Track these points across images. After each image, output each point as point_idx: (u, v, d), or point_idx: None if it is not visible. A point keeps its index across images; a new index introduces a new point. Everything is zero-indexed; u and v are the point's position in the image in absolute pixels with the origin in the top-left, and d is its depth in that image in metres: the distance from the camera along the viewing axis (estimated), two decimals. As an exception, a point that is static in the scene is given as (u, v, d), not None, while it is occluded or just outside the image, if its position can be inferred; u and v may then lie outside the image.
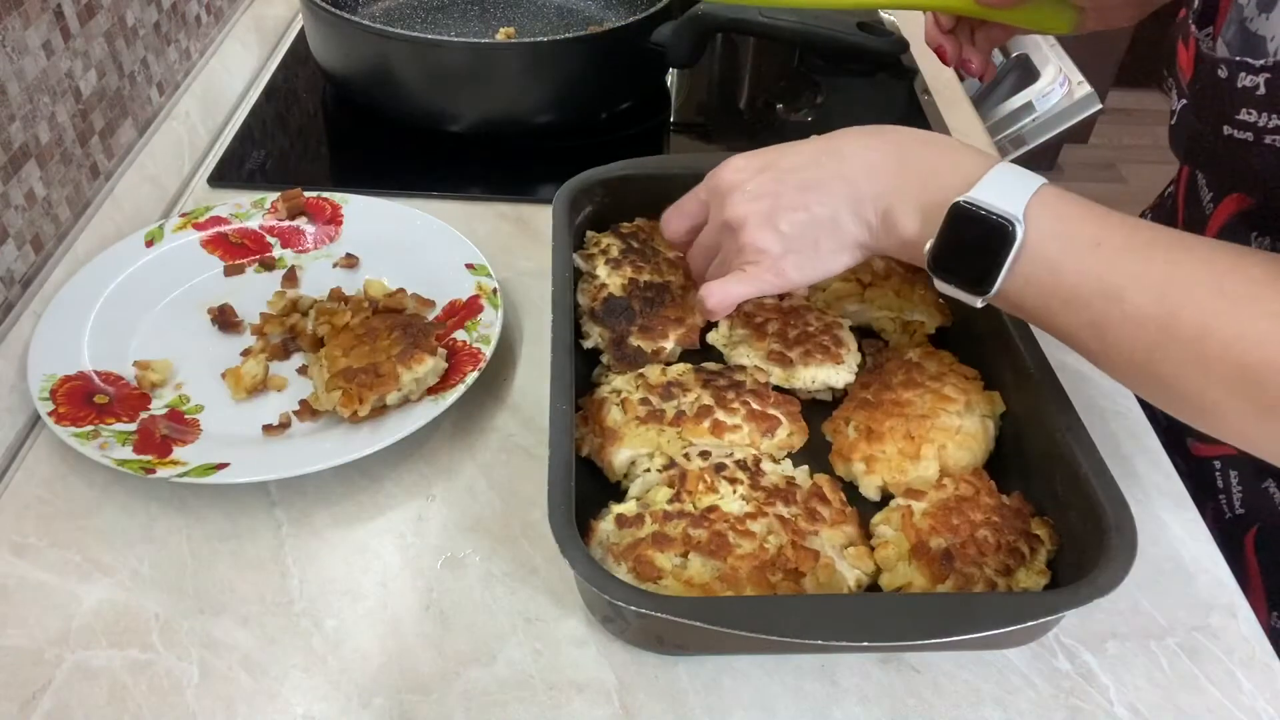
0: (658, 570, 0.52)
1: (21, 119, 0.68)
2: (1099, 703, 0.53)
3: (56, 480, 0.61)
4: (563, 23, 1.06)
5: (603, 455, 0.60)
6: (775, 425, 0.61)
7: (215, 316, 0.71)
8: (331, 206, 0.81)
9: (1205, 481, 0.68)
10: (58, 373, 0.64)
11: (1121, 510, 0.51)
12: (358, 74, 0.92)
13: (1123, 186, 2.85)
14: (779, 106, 1.06)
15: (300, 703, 0.51)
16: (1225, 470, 0.69)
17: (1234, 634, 0.56)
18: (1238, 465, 0.68)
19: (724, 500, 0.56)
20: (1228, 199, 0.68)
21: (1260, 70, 0.53)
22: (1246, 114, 0.54)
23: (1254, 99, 0.54)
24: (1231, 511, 0.68)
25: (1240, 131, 0.56)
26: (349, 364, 0.63)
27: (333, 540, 0.59)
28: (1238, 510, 0.68)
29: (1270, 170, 0.56)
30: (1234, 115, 0.55)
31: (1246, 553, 0.67)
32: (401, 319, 0.68)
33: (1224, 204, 0.68)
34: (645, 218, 0.76)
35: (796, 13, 0.95)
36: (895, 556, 0.54)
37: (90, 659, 0.52)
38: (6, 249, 0.68)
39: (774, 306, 0.70)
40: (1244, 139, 0.55)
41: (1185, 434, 0.72)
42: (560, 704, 0.51)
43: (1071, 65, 1.65)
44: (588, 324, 0.68)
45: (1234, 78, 0.54)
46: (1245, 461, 0.68)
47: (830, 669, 0.53)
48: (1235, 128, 0.56)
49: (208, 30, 0.99)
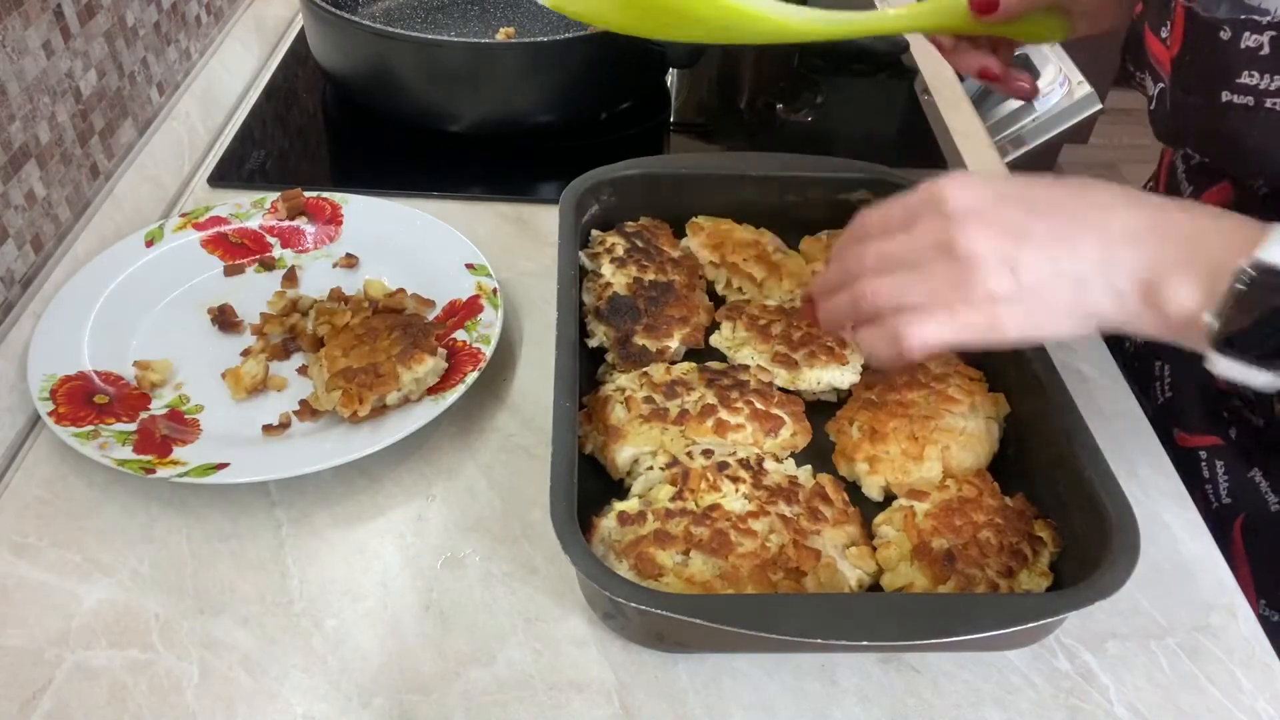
0: (659, 568, 0.52)
1: (21, 119, 0.68)
2: (1099, 703, 0.53)
3: (56, 480, 0.61)
4: (562, 23, 1.06)
5: (606, 453, 0.60)
6: (779, 425, 0.61)
7: (215, 316, 0.71)
8: (331, 206, 0.81)
9: (1191, 471, 0.68)
10: (58, 373, 0.64)
11: (1124, 512, 0.51)
12: (358, 74, 0.92)
13: (1123, 187, 2.85)
14: (779, 106, 1.06)
15: (300, 703, 0.51)
16: (1211, 460, 0.69)
17: (1234, 634, 0.56)
18: (1223, 455, 0.69)
19: (726, 499, 0.56)
20: (1209, 192, 0.68)
21: (1266, 28, 0.52)
22: (1248, 76, 0.54)
23: (1257, 59, 0.53)
24: (1218, 500, 0.68)
25: (1240, 96, 0.55)
26: (349, 364, 0.63)
27: (333, 540, 0.59)
28: (1224, 499, 0.68)
29: (1267, 140, 0.55)
30: (1234, 79, 0.54)
31: (1235, 542, 0.67)
32: (401, 319, 0.68)
33: (1205, 197, 0.68)
34: (650, 217, 0.76)
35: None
36: (897, 557, 0.54)
37: (90, 659, 0.52)
38: (6, 249, 0.68)
39: (777, 309, 0.70)
40: (1244, 104, 0.55)
41: (1171, 424, 0.72)
42: (560, 704, 0.51)
43: (1071, 65, 1.65)
44: (592, 322, 0.68)
45: (1237, 38, 0.53)
46: (1230, 451, 0.69)
47: (830, 669, 0.53)
48: (1235, 92, 0.55)
49: (208, 30, 0.99)
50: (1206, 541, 0.62)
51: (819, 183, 0.77)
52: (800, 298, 0.70)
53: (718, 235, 0.75)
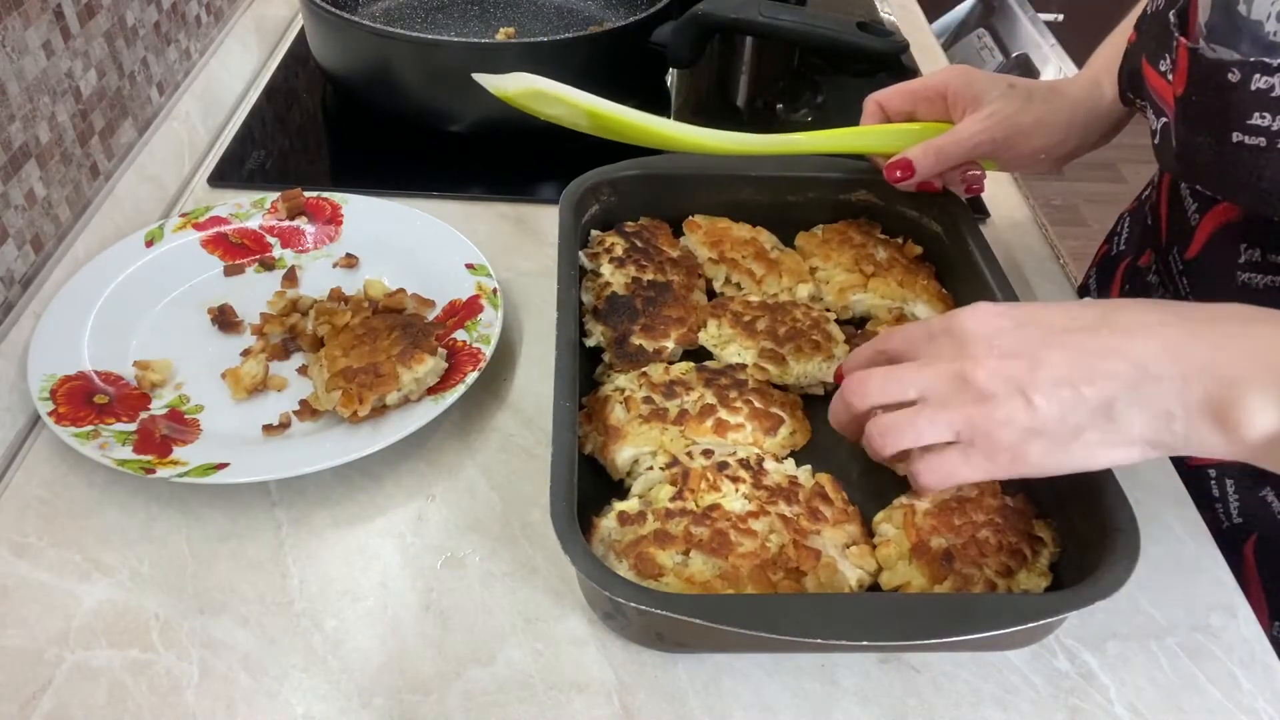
0: (659, 568, 0.52)
1: (21, 119, 0.68)
2: (1099, 703, 0.53)
3: (56, 480, 0.61)
4: (563, 23, 1.06)
5: (605, 453, 0.60)
6: (778, 424, 0.61)
7: (215, 316, 0.71)
8: (331, 206, 0.81)
9: (1201, 490, 0.68)
10: (58, 373, 0.64)
11: (1125, 513, 0.51)
12: (358, 74, 0.92)
13: (1123, 186, 2.85)
14: (779, 106, 1.06)
15: (300, 703, 0.51)
16: (1220, 479, 0.68)
17: (1234, 634, 0.56)
18: (1233, 474, 0.68)
19: (726, 499, 0.56)
20: (1214, 210, 0.67)
21: (1277, 70, 0.50)
22: (1259, 118, 0.52)
23: (1268, 101, 0.51)
24: (1229, 520, 0.67)
25: (1252, 137, 0.53)
26: (349, 364, 0.63)
27: (333, 540, 0.59)
28: (1235, 519, 0.67)
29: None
30: (1245, 121, 0.52)
31: (1247, 562, 0.67)
32: (401, 319, 0.68)
33: (1210, 215, 0.67)
34: (650, 217, 0.76)
35: (796, 12, 0.95)
36: (896, 555, 0.54)
37: (90, 659, 0.52)
38: (6, 249, 0.68)
39: (760, 304, 0.70)
40: (1256, 144, 0.53)
41: None
42: (560, 704, 0.51)
43: (1071, 65, 1.65)
44: (590, 322, 0.68)
45: (1247, 80, 0.52)
46: (1241, 470, 0.67)
47: (830, 669, 0.53)
48: (1246, 133, 0.53)
49: (208, 30, 0.99)
50: (1206, 541, 0.62)
51: (818, 183, 0.77)
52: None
53: (715, 232, 0.75)
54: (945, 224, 0.74)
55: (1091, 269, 0.89)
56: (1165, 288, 0.73)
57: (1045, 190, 2.80)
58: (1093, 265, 0.89)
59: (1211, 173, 0.58)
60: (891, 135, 0.73)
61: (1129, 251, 0.83)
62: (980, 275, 0.68)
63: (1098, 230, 2.66)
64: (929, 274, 0.73)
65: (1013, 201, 0.92)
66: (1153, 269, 0.76)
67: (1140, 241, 0.80)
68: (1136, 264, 0.80)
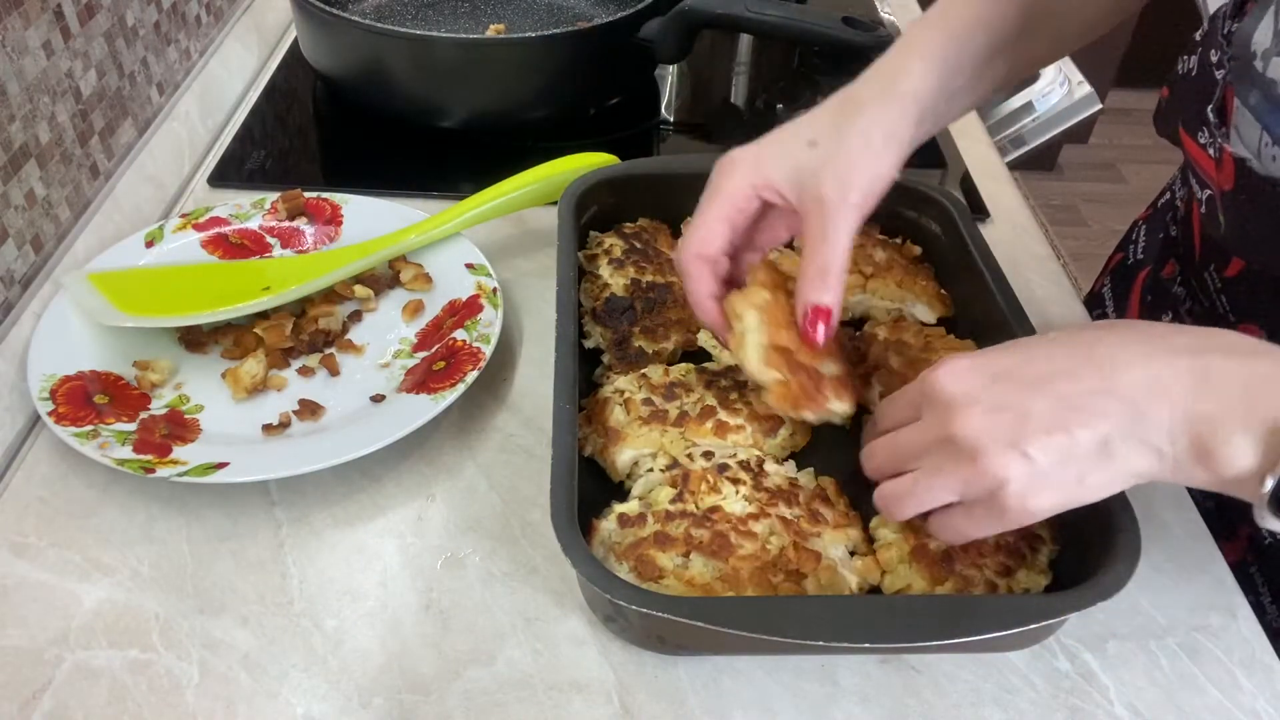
0: (659, 570, 0.52)
1: (21, 119, 0.68)
2: (1099, 703, 0.53)
3: (56, 480, 0.61)
4: (552, 19, 1.06)
5: (605, 455, 0.60)
6: (778, 426, 0.61)
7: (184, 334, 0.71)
8: (331, 207, 0.81)
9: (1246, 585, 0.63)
10: (58, 373, 0.64)
11: (1125, 512, 0.51)
12: (349, 72, 0.92)
13: (1123, 186, 2.85)
14: (779, 106, 1.06)
15: (300, 703, 0.51)
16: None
17: (1234, 634, 0.56)
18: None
19: (726, 501, 0.55)
20: None
21: None
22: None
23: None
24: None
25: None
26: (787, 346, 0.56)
27: (333, 540, 0.59)
28: None
29: None
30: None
31: None
32: None
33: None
34: (649, 218, 0.76)
35: (782, 7, 0.95)
36: (896, 558, 0.54)
37: (90, 659, 0.52)
38: (6, 249, 0.68)
39: None
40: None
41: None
42: (560, 704, 0.51)
43: (1071, 65, 1.65)
44: (589, 324, 0.68)
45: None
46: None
47: (830, 669, 0.53)
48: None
49: (208, 30, 0.99)
50: (1206, 541, 0.62)
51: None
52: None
53: (716, 235, 0.75)
54: (945, 224, 0.74)
55: (1105, 277, 0.87)
56: (1196, 301, 0.71)
57: (1045, 190, 2.80)
58: (1105, 273, 0.87)
59: (1267, 255, 0.57)
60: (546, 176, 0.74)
61: (1148, 261, 0.80)
62: (980, 275, 0.67)
63: (1098, 230, 2.66)
64: (928, 274, 0.73)
65: (1013, 202, 0.92)
66: (1177, 280, 0.74)
67: (1161, 252, 0.78)
68: (1159, 275, 0.78)
